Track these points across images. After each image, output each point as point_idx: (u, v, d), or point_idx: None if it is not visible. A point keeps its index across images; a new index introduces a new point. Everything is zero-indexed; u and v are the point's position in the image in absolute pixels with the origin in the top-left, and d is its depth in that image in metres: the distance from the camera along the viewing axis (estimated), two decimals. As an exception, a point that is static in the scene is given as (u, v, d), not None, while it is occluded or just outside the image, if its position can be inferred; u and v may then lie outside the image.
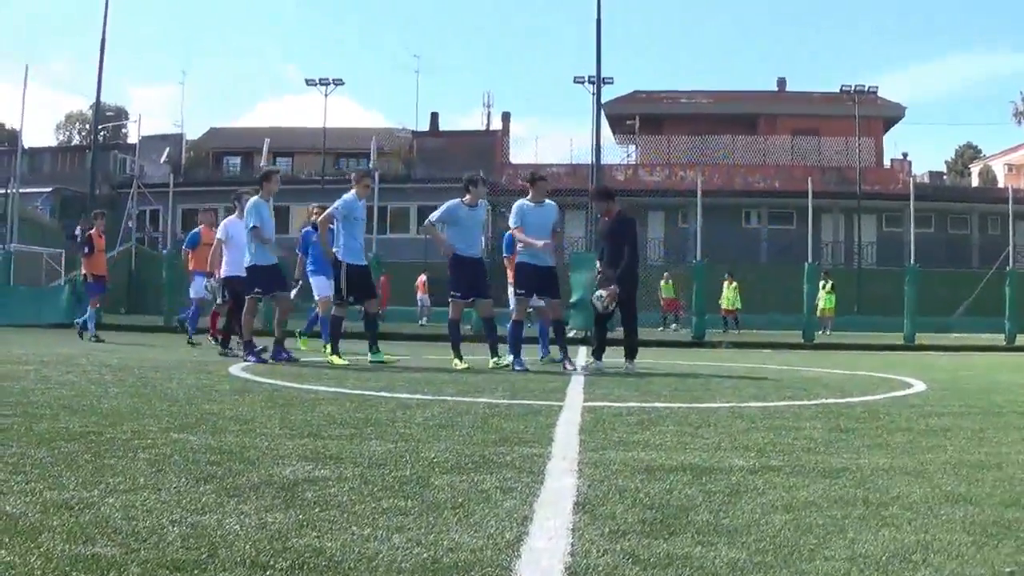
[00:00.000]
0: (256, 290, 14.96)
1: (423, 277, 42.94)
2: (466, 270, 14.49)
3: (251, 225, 14.75)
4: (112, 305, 42.24)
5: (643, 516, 4.13)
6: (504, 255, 15.51)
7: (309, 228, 17.49)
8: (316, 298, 17.69)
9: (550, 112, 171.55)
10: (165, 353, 16.57)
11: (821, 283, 40.23)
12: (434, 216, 14.65)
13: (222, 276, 16.57)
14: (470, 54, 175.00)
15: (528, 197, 14.63)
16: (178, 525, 3.73)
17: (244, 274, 15.10)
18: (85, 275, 21.77)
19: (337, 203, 14.76)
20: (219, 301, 17.88)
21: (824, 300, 39.80)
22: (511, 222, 14.50)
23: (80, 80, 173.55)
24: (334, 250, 14.63)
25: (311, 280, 18.02)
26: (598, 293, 14.39)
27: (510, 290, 15.04)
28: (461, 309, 14.90)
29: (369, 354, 14.70)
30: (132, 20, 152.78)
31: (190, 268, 19.88)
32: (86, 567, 3.15)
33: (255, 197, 15.06)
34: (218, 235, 16.46)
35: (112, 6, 36.90)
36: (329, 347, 14.75)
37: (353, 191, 14.86)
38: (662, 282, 42.25)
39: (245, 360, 14.32)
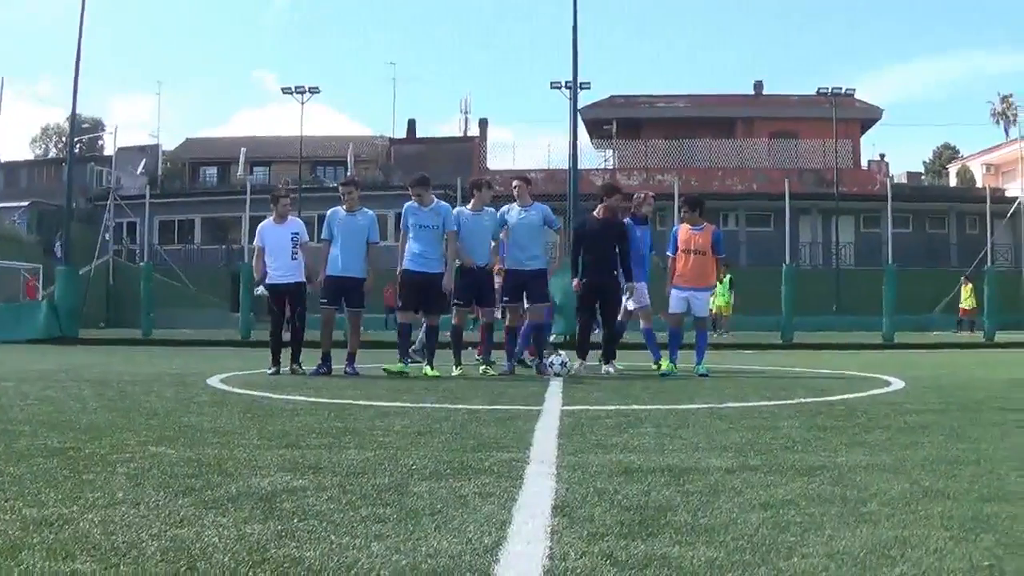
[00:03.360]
0: (322, 300, 14.68)
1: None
2: (469, 278, 14.42)
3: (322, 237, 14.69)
4: (91, 319, 42.18)
5: (621, 518, 4.15)
6: (668, 254, 15.16)
7: None
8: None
9: (528, 117, 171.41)
10: (144, 366, 16.51)
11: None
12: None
13: (267, 284, 15.25)
14: (447, 61, 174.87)
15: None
16: (157, 539, 3.72)
17: (282, 282, 14.71)
18: None
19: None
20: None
21: (719, 296, 36.95)
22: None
23: (58, 93, 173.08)
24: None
25: None
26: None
27: (672, 292, 14.70)
28: (464, 316, 14.82)
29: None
30: (108, 31, 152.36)
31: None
32: (66, 583, 3.16)
33: (334, 208, 14.84)
34: (256, 241, 15.43)
35: (88, 17, 36.64)
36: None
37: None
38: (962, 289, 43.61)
39: (313, 373, 14.18)
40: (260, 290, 15.20)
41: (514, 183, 14.84)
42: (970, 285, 43.67)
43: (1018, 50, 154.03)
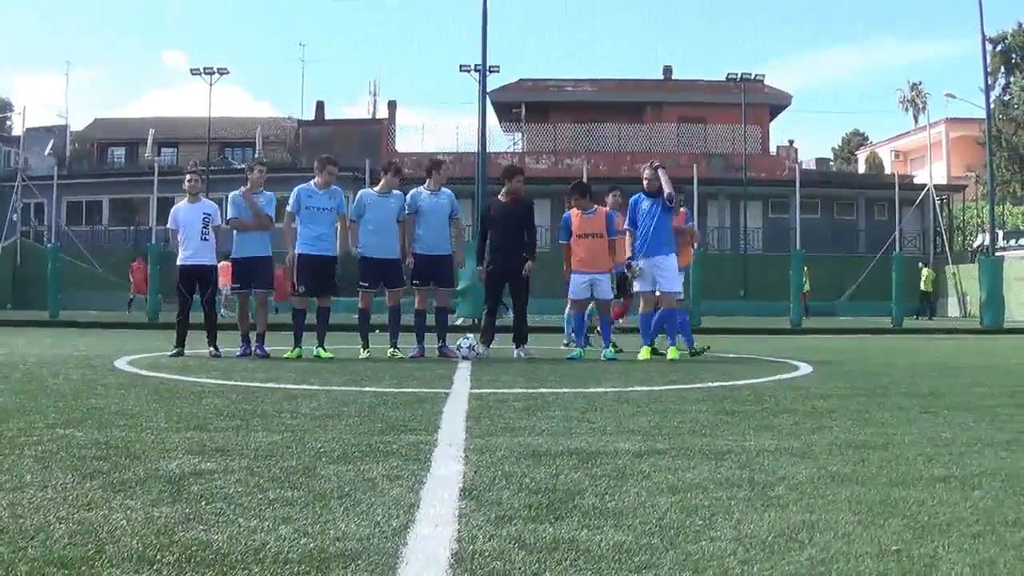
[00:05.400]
0: (235, 284, 14.76)
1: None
2: (375, 260, 14.38)
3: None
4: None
5: (529, 501, 4.18)
6: (561, 241, 15.12)
7: None
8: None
9: (437, 100, 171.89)
10: (51, 348, 16.32)
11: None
12: (350, 211, 14.52)
13: (178, 264, 14.99)
14: (357, 42, 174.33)
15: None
16: (65, 522, 3.71)
17: (191, 263, 14.64)
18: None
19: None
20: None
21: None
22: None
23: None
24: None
25: None
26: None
27: (573, 277, 14.84)
28: (371, 298, 14.71)
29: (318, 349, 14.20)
30: (15, 9, 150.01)
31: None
32: (-28, 566, 3.14)
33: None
34: (169, 224, 15.14)
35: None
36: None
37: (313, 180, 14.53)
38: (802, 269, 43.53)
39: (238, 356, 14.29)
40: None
41: (442, 167, 14.88)
42: (805, 268, 44.34)
43: (927, 39, 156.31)
